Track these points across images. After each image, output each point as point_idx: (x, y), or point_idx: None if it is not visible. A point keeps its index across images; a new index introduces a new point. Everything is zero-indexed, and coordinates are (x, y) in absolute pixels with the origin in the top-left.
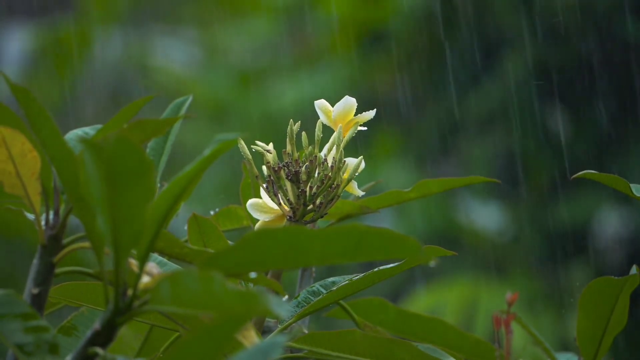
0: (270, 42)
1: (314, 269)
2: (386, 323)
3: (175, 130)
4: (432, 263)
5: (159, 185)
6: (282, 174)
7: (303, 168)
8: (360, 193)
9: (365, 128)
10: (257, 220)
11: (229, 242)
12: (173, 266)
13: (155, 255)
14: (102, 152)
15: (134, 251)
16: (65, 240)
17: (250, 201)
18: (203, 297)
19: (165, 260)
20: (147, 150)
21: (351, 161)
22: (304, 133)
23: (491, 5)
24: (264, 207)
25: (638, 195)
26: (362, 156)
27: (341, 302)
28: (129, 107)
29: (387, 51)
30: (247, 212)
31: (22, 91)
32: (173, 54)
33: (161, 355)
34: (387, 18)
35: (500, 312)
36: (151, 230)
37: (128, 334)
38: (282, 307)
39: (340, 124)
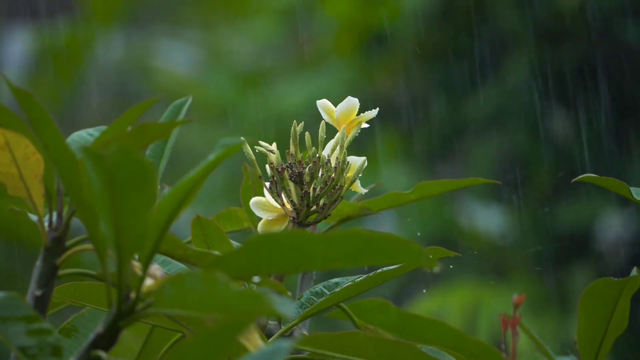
0: (273, 44)
1: (314, 272)
2: (387, 324)
3: (175, 133)
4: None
5: (159, 187)
6: (286, 174)
7: (306, 169)
8: (364, 190)
9: (368, 125)
10: (260, 219)
11: (233, 242)
12: (177, 265)
13: (158, 255)
14: (102, 161)
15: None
16: (68, 242)
17: (254, 199)
18: (207, 299)
19: (169, 259)
20: (147, 153)
21: (354, 159)
22: (307, 133)
23: (492, 8)
24: (267, 206)
25: (638, 198)
26: (365, 157)
27: (341, 304)
28: (132, 110)
29: (388, 53)
30: (248, 214)
31: (24, 95)
32: (175, 56)
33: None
34: (389, 20)
35: (506, 315)
36: (154, 234)
37: (128, 336)
38: (287, 306)
39: (344, 125)
